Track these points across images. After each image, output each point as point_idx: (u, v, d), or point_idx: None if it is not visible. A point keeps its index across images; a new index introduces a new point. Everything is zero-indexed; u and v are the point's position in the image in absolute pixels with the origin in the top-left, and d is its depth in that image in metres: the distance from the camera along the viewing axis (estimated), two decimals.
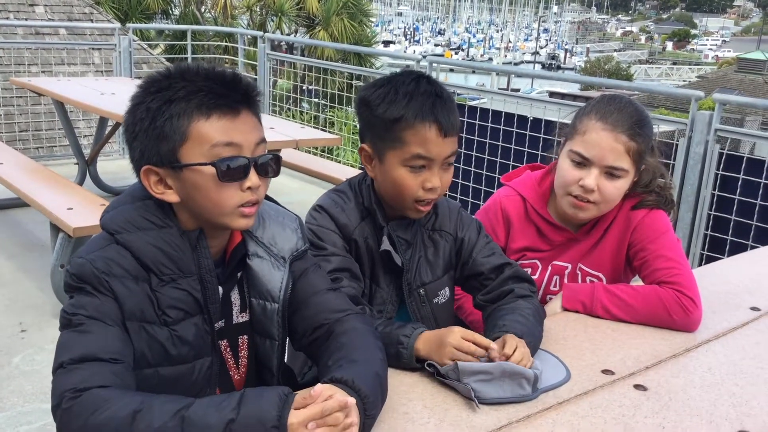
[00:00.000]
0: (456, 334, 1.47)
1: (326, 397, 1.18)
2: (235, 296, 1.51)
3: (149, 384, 1.36)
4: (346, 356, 1.37)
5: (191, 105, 1.33)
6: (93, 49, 9.44)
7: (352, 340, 1.42)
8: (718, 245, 4.11)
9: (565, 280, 2.03)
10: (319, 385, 1.22)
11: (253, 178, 1.37)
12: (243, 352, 1.54)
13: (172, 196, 1.38)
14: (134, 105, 1.38)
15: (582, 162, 1.88)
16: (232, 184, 1.35)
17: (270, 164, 1.42)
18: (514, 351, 1.45)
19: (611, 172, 1.86)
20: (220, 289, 1.46)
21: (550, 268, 2.04)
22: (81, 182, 5.61)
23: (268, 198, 1.59)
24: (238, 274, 1.51)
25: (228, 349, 1.53)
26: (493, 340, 1.53)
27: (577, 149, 1.89)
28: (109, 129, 5.74)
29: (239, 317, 1.52)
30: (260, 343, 1.53)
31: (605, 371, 1.56)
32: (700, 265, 4.10)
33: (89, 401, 1.18)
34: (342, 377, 1.27)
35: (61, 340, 1.31)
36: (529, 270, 2.00)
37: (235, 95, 1.36)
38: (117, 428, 1.15)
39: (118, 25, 9.10)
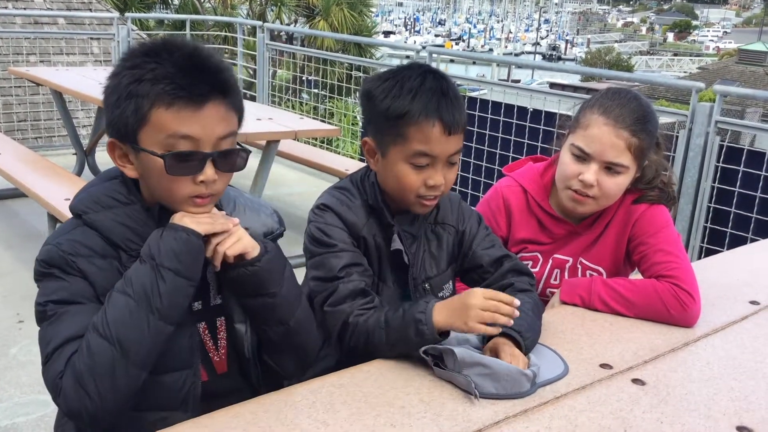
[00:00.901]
0: (478, 295, 1.45)
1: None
2: (211, 277, 1.51)
3: None
4: None
5: (155, 90, 1.31)
6: (92, 38, 9.40)
7: None
8: (718, 238, 4.10)
9: (566, 274, 2.02)
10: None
11: (207, 172, 1.36)
12: (222, 334, 1.54)
13: (131, 172, 1.40)
14: (112, 75, 1.38)
15: (582, 156, 1.87)
16: (184, 177, 1.35)
17: (233, 159, 1.40)
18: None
19: (611, 168, 1.85)
20: None
21: (551, 261, 2.03)
22: (79, 173, 5.60)
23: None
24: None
25: (207, 332, 1.53)
26: (488, 339, 1.53)
27: (578, 143, 1.87)
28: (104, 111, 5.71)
29: (216, 299, 1.53)
30: (232, 327, 1.54)
31: (603, 365, 1.56)
32: (699, 257, 4.09)
33: (71, 366, 1.28)
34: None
35: (40, 335, 1.36)
36: (529, 263, 1.99)
37: (201, 86, 1.33)
38: (94, 354, 1.26)
39: (117, 14, 9.06)
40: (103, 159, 5.90)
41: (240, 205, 1.56)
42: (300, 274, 1.73)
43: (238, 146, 1.42)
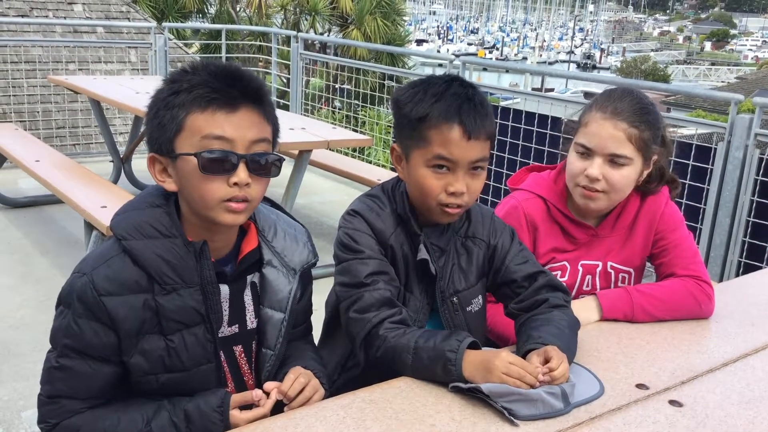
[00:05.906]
0: (503, 359, 1.43)
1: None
2: (248, 302, 1.52)
3: (151, 388, 1.42)
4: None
5: (190, 97, 1.36)
6: (129, 47, 9.56)
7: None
8: (757, 252, 4.01)
9: (597, 279, 2.02)
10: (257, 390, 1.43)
11: (240, 174, 1.37)
12: (256, 357, 1.57)
13: (171, 185, 1.42)
14: (154, 93, 1.42)
15: (586, 152, 1.92)
16: (218, 177, 1.36)
17: (267, 164, 1.41)
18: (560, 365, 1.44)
19: (614, 160, 1.89)
20: (228, 290, 1.48)
21: (580, 268, 2.01)
22: (116, 180, 5.68)
23: (276, 207, 1.63)
24: (249, 277, 1.53)
25: (243, 355, 1.54)
26: (528, 351, 1.51)
27: (581, 141, 1.93)
28: (144, 127, 5.80)
29: (252, 323, 1.54)
30: (259, 350, 1.56)
31: (639, 385, 1.52)
32: (738, 272, 4.01)
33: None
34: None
35: (46, 359, 1.42)
36: (558, 273, 1.97)
37: (234, 91, 1.37)
38: None
39: (154, 23, 9.18)
40: (139, 167, 5.97)
41: (281, 230, 1.57)
42: (329, 283, 1.74)
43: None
